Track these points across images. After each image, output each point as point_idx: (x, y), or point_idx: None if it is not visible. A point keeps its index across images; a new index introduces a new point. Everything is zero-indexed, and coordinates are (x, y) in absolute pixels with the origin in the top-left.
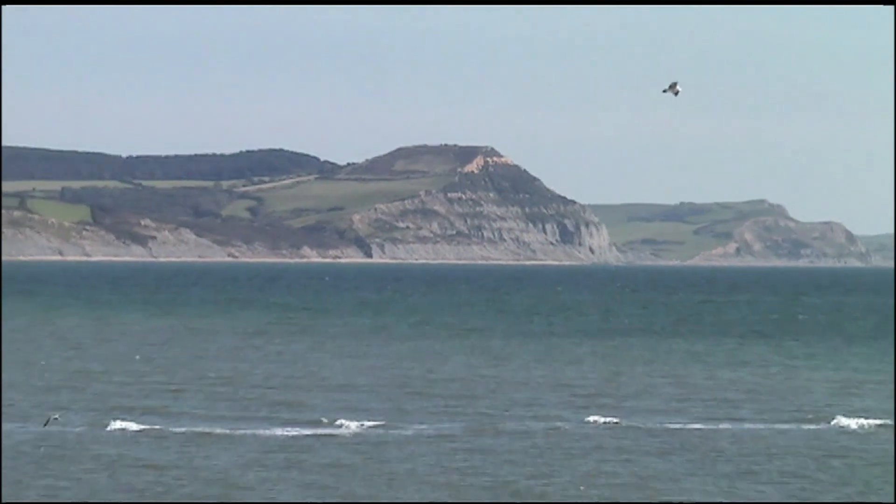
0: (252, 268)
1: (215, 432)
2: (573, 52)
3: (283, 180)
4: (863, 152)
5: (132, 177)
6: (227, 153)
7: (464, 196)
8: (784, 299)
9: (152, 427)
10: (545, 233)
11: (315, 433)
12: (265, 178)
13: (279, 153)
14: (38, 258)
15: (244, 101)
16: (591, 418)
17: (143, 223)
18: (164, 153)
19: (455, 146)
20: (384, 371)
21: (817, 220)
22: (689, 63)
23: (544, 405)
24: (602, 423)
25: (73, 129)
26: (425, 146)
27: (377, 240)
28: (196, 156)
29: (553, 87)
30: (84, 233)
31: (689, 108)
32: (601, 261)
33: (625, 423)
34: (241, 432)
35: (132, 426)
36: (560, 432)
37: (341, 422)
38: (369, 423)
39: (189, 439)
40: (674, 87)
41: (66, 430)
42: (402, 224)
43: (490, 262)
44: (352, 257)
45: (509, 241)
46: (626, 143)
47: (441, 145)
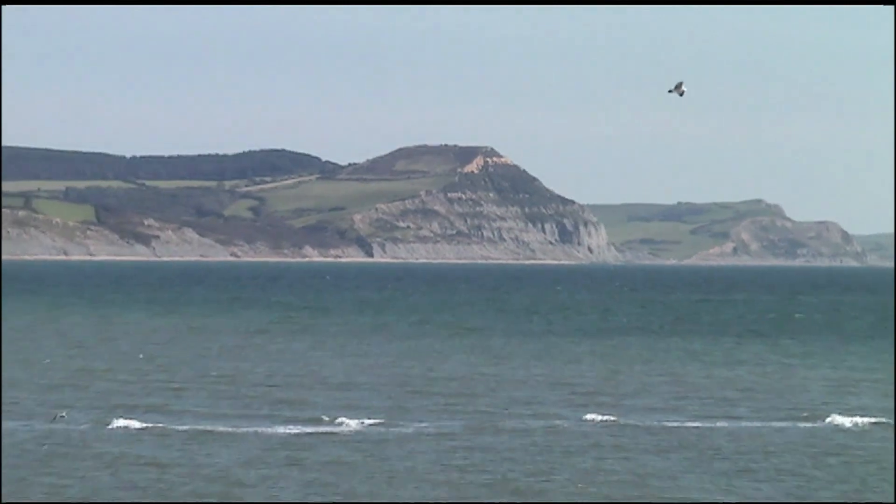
0: (254, 267)
1: (217, 430)
2: (572, 52)
3: (285, 180)
4: (859, 153)
5: (136, 177)
6: (230, 153)
7: (464, 196)
8: (781, 298)
9: (155, 425)
10: (544, 232)
11: (316, 431)
12: (267, 179)
13: (281, 153)
14: (42, 258)
15: (246, 102)
16: (590, 416)
17: (146, 223)
18: (167, 153)
19: (455, 146)
20: (385, 369)
21: (814, 220)
22: (688, 63)
23: (543, 403)
24: (600, 421)
25: (77, 129)
26: (425, 146)
27: (378, 239)
28: (199, 156)
29: (552, 88)
30: (88, 232)
31: (687, 108)
32: (600, 260)
33: (623, 421)
34: (243, 430)
35: (135, 424)
36: (559, 430)
37: (342, 420)
38: (370, 421)
39: (191, 437)
40: (679, 88)
41: (69, 427)
42: (402, 224)
43: (490, 261)
44: (353, 257)
45: (509, 241)
46: (625, 144)
47: (441, 145)
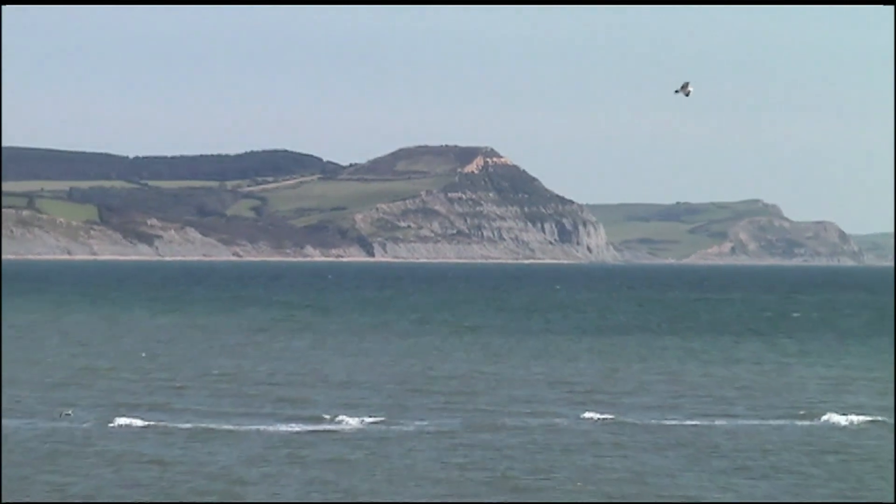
0: (256, 266)
1: (219, 428)
2: (571, 53)
3: (287, 180)
4: (857, 153)
5: (139, 177)
6: (232, 154)
7: (464, 196)
8: (778, 297)
9: (157, 423)
10: (544, 232)
11: (317, 429)
12: (269, 179)
13: (283, 154)
14: (46, 257)
15: (248, 103)
16: (589, 414)
17: (149, 223)
18: (169, 154)
19: (455, 147)
20: (385, 368)
21: (811, 220)
22: (687, 64)
23: (542, 401)
24: (599, 419)
25: (80, 130)
26: (426, 147)
27: (379, 239)
28: (201, 156)
29: (552, 89)
30: (91, 232)
31: (685, 109)
32: (599, 259)
33: (621, 419)
34: (245, 428)
35: (137, 422)
36: (558, 428)
37: (343, 418)
38: (370, 419)
39: (193, 435)
40: (685, 88)
41: (72, 426)
42: (403, 223)
43: (490, 260)
44: (354, 256)
45: (508, 241)
46: (624, 144)
47: (441, 146)
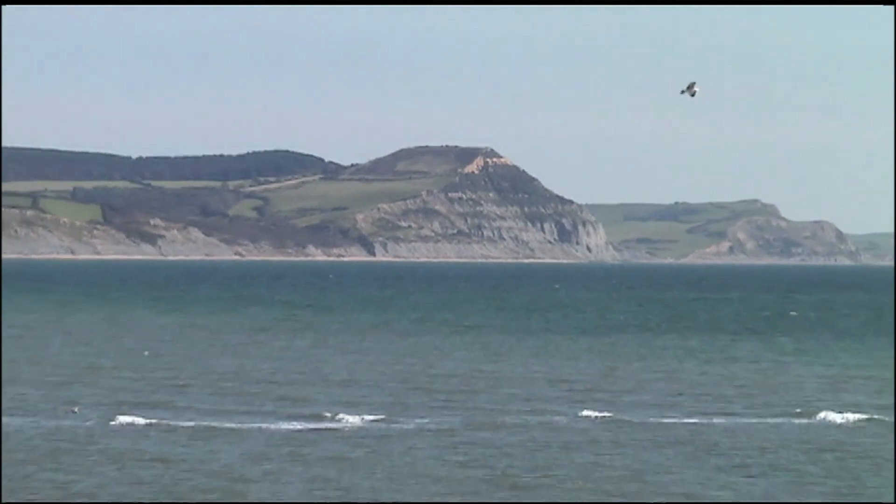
0: (258, 266)
1: (221, 426)
2: (571, 54)
3: (289, 181)
4: (854, 153)
5: (142, 177)
6: (234, 154)
7: (464, 196)
8: (776, 297)
9: (160, 421)
10: (543, 232)
11: (318, 427)
12: (271, 179)
13: (284, 154)
14: (50, 257)
15: (250, 104)
16: (588, 413)
17: (152, 222)
18: (172, 154)
19: (455, 147)
20: (386, 367)
21: (808, 220)
22: (686, 64)
23: (542, 400)
24: (598, 417)
25: (84, 130)
26: (426, 147)
27: (380, 239)
28: (204, 157)
29: (551, 90)
30: (95, 232)
31: (684, 109)
32: (598, 259)
33: (620, 417)
34: (247, 426)
35: (140, 420)
36: (557, 426)
37: (344, 416)
38: (371, 418)
39: (195, 433)
40: (691, 88)
41: (76, 424)
42: (404, 223)
43: (490, 260)
44: (355, 256)
45: (508, 240)
46: (623, 145)
47: (442, 146)
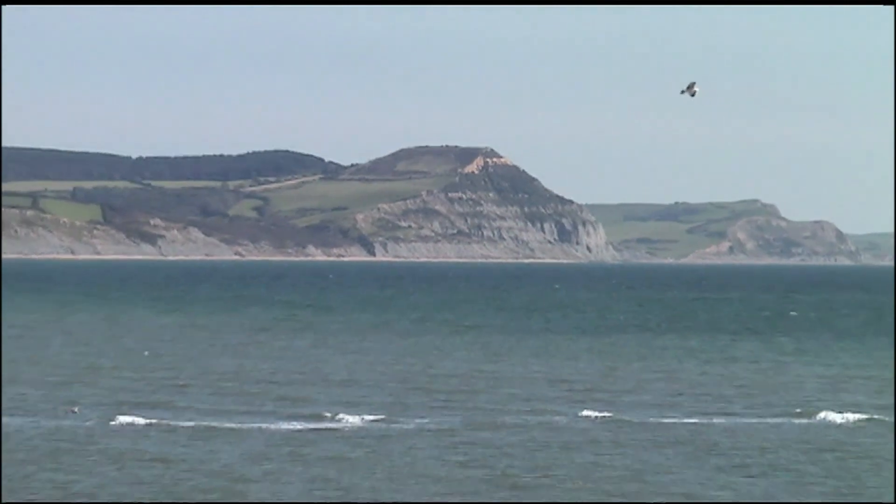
0: (258, 266)
1: (221, 426)
2: (570, 55)
3: (289, 181)
4: (854, 153)
5: (142, 177)
6: (234, 154)
7: (464, 196)
8: (776, 297)
9: (160, 421)
10: (543, 232)
11: (318, 427)
12: (271, 179)
13: (284, 154)
14: (50, 256)
15: (250, 104)
16: (588, 413)
17: (152, 222)
18: (172, 154)
19: (455, 147)
20: (386, 366)
21: (808, 220)
22: (685, 64)
23: (542, 400)
24: (598, 417)
25: (84, 131)
26: (426, 147)
27: (380, 239)
28: (204, 157)
29: (551, 90)
30: (95, 232)
31: (684, 110)
32: (598, 259)
33: (620, 417)
34: (247, 426)
35: (140, 420)
36: (557, 426)
37: (344, 416)
38: (371, 418)
39: (195, 433)
40: (691, 88)
41: (75, 424)
42: (404, 223)
43: (490, 260)
44: (355, 256)
45: (508, 240)
46: (623, 145)
47: (442, 146)
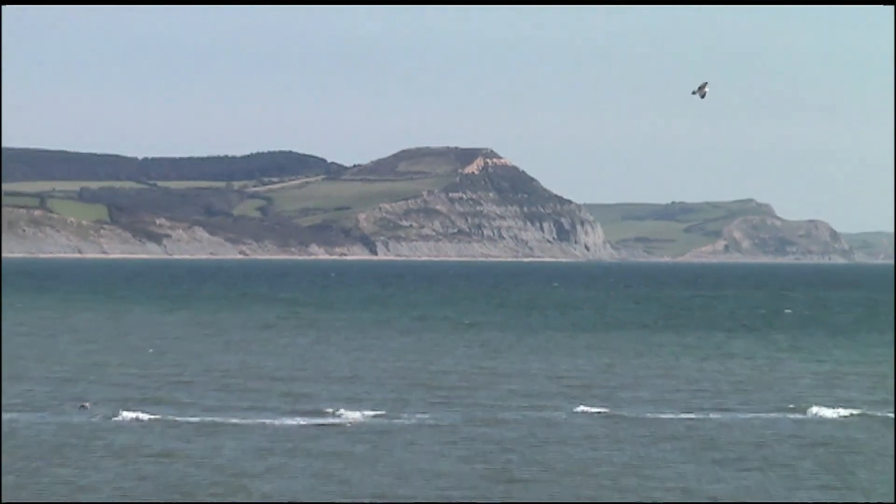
0: (262, 265)
1: (225, 422)
2: (569, 56)
3: (292, 181)
4: (848, 153)
5: (148, 177)
6: (238, 155)
7: (464, 196)
8: (771, 294)
9: (164, 417)
10: (542, 231)
11: (321, 423)
12: (274, 179)
13: (288, 155)
14: (57, 256)
15: (254, 105)
16: (586, 409)
17: (158, 222)
18: (178, 155)
19: (456, 148)
20: (387, 363)
21: (803, 219)
22: (683, 65)
23: (541, 396)
24: (596, 413)
25: (91, 132)
26: (427, 148)
27: (382, 238)
28: (208, 157)
29: (550, 91)
30: (101, 231)
31: (681, 111)
32: (596, 258)
33: (618, 413)
34: (250, 422)
35: (145, 416)
36: (556, 422)
37: (346, 412)
38: (373, 413)
39: (199, 429)
40: (702, 89)
41: (82, 419)
42: (405, 223)
43: (490, 259)
44: (357, 255)
45: (508, 239)
46: (621, 145)
47: (443, 147)
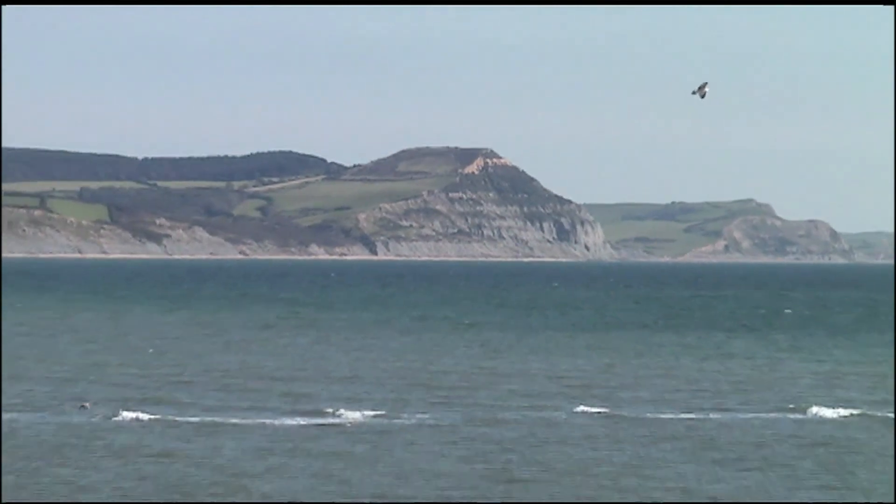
0: (262, 265)
1: (225, 422)
2: (569, 56)
3: (292, 181)
4: (848, 153)
5: (148, 178)
6: (239, 155)
7: (464, 196)
8: (770, 294)
9: (164, 417)
10: (542, 231)
11: (321, 423)
12: (274, 179)
13: (288, 155)
14: (57, 256)
15: (254, 106)
16: (586, 408)
17: (158, 222)
18: (178, 155)
19: (456, 148)
20: (387, 363)
21: (803, 219)
22: (682, 65)
23: (541, 396)
24: (596, 412)
25: (91, 132)
26: (428, 148)
27: (381, 238)
28: (209, 157)
29: (550, 92)
30: (102, 231)
31: (681, 110)
32: (596, 258)
33: (618, 413)
34: (250, 422)
35: (145, 416)
36: (556, 422)
37: (346, 412)
38: (373, 413)
39: (199, 429)
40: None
41: (82, 419)
42: (405, 223)
43: (490, 259)
44: (357, 255)
45: (508, 239)
46: (620, 145)
47: (443, 147)
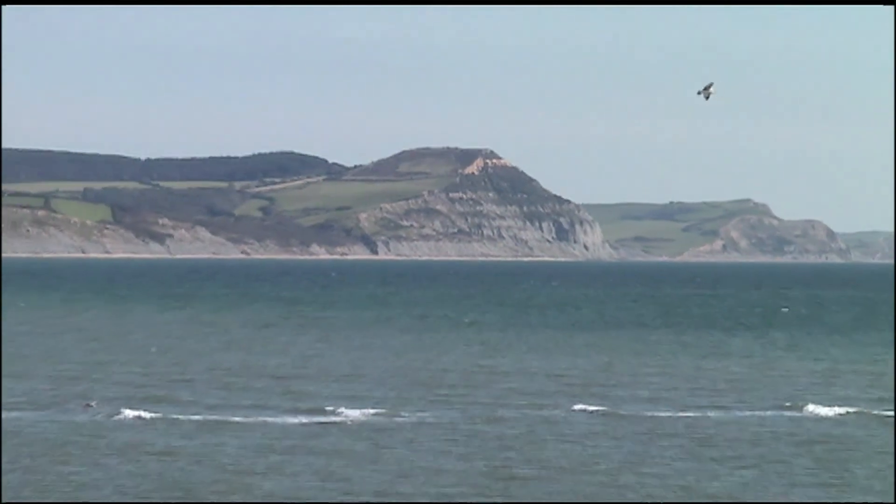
0: (264, 264)
1: (227, 420)
2: (568, 58)
3: (294, 181)
4: (845, 153)
5: (150, 178)
6: (241, 155)
7: (465, 196)
8: (768, 293)
9: (166, 415)
10: (542, 231)
11: (322, 421)
12: (276, 179)
13: (289, 155)
14: (61, 255)
15: (256, 106)
16: (584, 406)
17: (160, 222)
18: (180, 156)
19: (456, 149)
20: (388, 362)
21: (800, 219)
22: (681, 66)
23: (540, 394)
24: (594, 410)
25: (94, 133)
26: (428, 149)
27: (382, 237)
28: (211, 158)
29: (550, 93)
30: (105, 231)
31: (680, 111)
32: (595, 257)
33: (616, 410)
34: (252, 420)
35: (147, 414)
36: (555, 419)
37: (346, 410)
38: (373, 411)
39: (201, 427)
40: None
41: (85, 417)
42: (406, 223)
43: (489, 258)
44: (358, 254)
45: (508, 239)
46: (619, 146)
47: (443, 148)
